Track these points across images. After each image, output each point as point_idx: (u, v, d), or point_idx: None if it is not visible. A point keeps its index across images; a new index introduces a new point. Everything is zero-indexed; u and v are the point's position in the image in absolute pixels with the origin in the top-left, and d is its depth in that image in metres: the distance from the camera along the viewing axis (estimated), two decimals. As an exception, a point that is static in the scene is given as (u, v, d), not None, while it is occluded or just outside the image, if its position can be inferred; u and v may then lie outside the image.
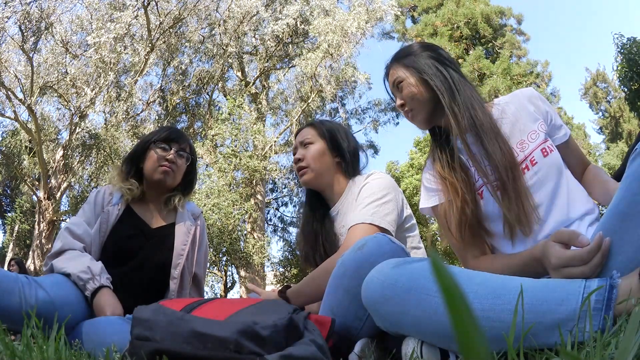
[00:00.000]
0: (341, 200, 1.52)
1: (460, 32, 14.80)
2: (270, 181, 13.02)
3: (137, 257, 1.51)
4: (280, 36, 11.26)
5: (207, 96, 12.82)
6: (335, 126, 1.62)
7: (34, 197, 11.20)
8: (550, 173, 1.11)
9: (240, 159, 10.02)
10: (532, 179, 1.11)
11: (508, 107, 1.21)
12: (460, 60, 14.36)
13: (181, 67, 11.85)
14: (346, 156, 1.55)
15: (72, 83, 9.77)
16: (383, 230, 1.29)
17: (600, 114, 20.82)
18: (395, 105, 1.29)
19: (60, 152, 10.13)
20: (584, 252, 0.78)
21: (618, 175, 0.87)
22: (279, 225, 14.11)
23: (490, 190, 1.10)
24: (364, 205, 1.35)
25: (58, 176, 9.95)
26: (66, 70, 9.62)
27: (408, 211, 1.47)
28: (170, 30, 10.58)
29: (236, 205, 9.82)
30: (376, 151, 14.69)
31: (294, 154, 1.59)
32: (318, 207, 1.58)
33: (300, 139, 1.59)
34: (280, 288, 1.36)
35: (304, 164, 1.53)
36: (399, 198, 1.42)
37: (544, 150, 1.13)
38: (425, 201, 1.25)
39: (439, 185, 1.20)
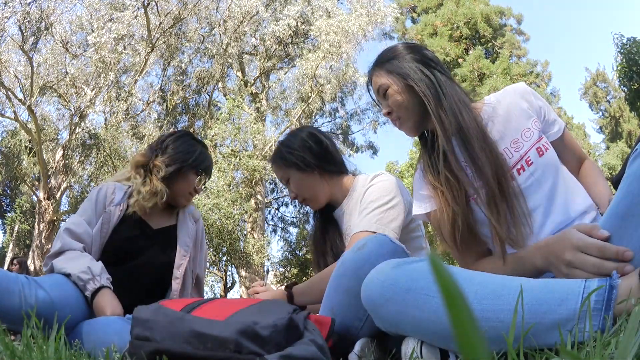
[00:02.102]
0: (346, 200, 1.51)
1: (460, 32, 14.80)
2: (270, 181, 13.02)
3: (138, 258, 1.50)
4: (281, 36, 11.26)
5: (207, 96, 12.82)
6: (292, 147, 1.53)
7: (34, 197, 11.20)
8: (547, 173, 1.10)
9: (240, 159, 10.02)
10: (528, 180, 1.09)
11: (500, 105, 1.19)
12: (460, 60, 14.37)
13: (181, 67, 11.85)
14: (323, 164, 1.51)
15: (72, 83, 9.77)
16: None
17: (600, 113, 20.81)
18: (382, 113, 1.27)
19: (60, 152, 10.13)
20: (605, 245, 0.77)
21: (618, 179, 0.87)
22: (279, 225, 14.12)
23: (477, 200, 1.07)
24: (369, 211, 1.33)
25: (58, 176, 9.95)
26: (66, 70, 9.62)
27: (411, 213, 1.46)
28: (170, 30, 10.57)
29: (236, 205, 9.82)
30: (375, 152, 14.69)
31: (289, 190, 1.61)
32: (324, 211, 1.59)
33: (279, 178, 1.61)
34: (287, 283, 1.38)
35: (301, 199, 1.54)
36: (405, 200, 1.39)
37: (539, 149, 1.11)
38: (418, 207, 1.22)
39: (430, 192, 1.18)
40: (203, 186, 1.68)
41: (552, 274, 0.89)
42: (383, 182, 1.41)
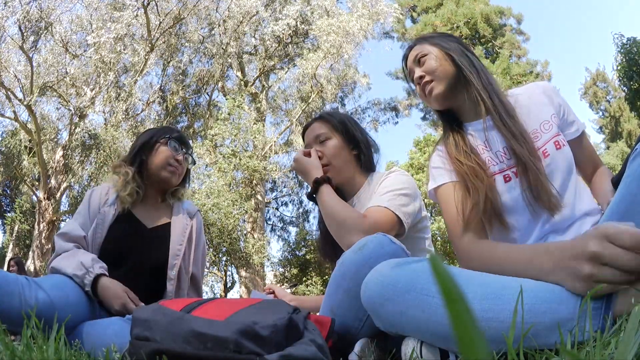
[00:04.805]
0: (358, 194, 1.49)
1: (460, 32, 14.79)
2: (270, 181, 13.03)
3: (133, 258, 1.50)
4: (281, 36, 11.27)
5: (207, 96, 12.82)
6: (344, 117, 1.58)
7: (34, 197, 11.20)
8: (561, 167, 1.10)
9: (240, 159, 10.02)
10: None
11: (522, 97, 1.21)
12: (460, 60, 14.32)
13: (181, 67, 11.85)
14: (363, 148, 1.52)
15: (71, 83, 9.78)
16: (398, 217, 1.28)
17: (600, 113, 20.82)
18: (413, 79, 1.26)
19: (60, 152, 10.13)
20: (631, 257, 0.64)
21: (618, 178, 0.86)
22: (278, 225, 14.13)
23: (512, 174, 1.09)
24: (381, 194, 1.34)
25: (58, 176, 9.94)
26: (66, 70, 9.62)
27: (424, 213, 1.45)
28: (170, 30, 10.58)
29: (236, 205, 9.82)
30: (375, 151, 14.69)
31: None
32: None
33: (313, 135, 1.52)
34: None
35: (324, 162, 1.46)
36: (417, 196, 1.39)
37: (556, 143, 1.12)
38: (433, 182, 1.21)
39: (449, 165, 1.18)
40: (186, 155, 1.69)
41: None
42: (398, 175, 1.42)
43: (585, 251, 0.68)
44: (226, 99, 11.70)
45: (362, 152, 1.52)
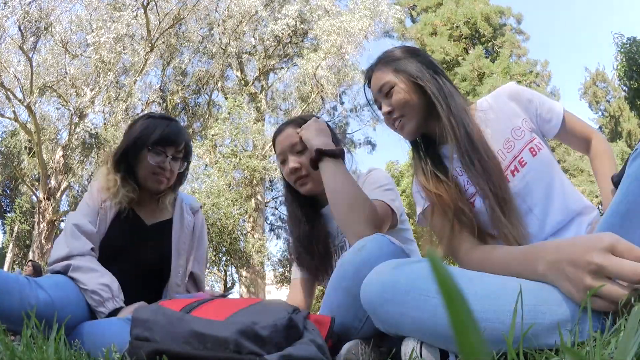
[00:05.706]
0: None
1: (460, 32, 14.81)
2: (268, 181, 13.04)
3: (132, 255, 1.47)
4: (280, 36, 11.28)
5: (207, 96, 12.82)
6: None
7: (34, 197, 11.20)
8: (541, 172, 1.09)
9: (240, 159, 10.02)
10: (522, 181, 1.09)
11: (491, 109, 1.19)
12: (460, 60, 14.38)
13: (181, 67, 11.86)
14: (338, 155, 1.51)
15: (71, 83, 9.78)
16: (392, 210, 1.30)
17: (600, 113, 20.81)
18: (381, 113, 1.22)
19: (59, 152, 10.13)
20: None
21: (619, 179, 0.85)
22: (276, 224, 14.15)
23: (483, 201, 1.07)
24: (370, 190, 1.33)
25: (58, 176, 9.95)
26: (65, 70, 9.62)
27: (402, 205, 1.47)
28: (170, 30, 10.58)
29: (236, 205, 9.83)
30: (373, 147, 14.77)
31: (282, 162, 1.46)
32: (307, 206, 1.51)
33: (288, 144, 1.43)
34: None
35: (304, 173, 1.41)
36: (397, 190, 1.42)
37: (532, 149, 1.11)
38: (419, 207, 1.21)
39: (425, 193, 1.17)
40: (171, 158, 1.50)
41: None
42: (379, 172, 1.44)
43: (589, 262, 0.67)
44: (226, 99, 11.70)
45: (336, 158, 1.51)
